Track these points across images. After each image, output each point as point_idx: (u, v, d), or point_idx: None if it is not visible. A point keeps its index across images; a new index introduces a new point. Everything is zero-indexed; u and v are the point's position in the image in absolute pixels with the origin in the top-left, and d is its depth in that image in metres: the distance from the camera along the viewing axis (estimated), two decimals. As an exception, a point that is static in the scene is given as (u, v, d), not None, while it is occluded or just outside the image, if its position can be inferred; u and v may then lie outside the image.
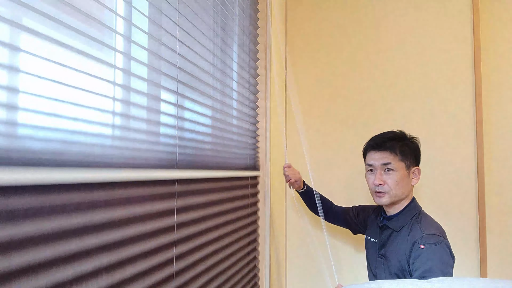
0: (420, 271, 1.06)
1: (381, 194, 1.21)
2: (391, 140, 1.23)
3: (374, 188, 1.23)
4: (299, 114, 2.01)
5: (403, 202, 1.23)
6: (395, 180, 1.19)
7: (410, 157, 1.22)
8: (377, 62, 1.89)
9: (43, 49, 0.55)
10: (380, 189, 1.21)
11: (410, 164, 1.22)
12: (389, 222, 1.23)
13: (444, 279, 0.94)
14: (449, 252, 1.09)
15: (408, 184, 1.22)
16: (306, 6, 2.04)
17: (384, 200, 1.21)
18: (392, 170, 1.20)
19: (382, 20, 1.90)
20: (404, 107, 1.84)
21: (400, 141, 1.23)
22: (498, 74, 1.73)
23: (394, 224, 1.22)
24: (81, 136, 0.62)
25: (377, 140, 1.25)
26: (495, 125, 1.72)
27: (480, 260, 1.69)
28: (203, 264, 1.01)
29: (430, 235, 1.12)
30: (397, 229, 1.19)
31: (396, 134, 1.26)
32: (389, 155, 1.20)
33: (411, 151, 1.23)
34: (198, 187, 1.00)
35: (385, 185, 1.20)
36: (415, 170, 1.24)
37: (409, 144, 1.24)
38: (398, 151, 1.20)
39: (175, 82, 0.92)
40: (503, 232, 1.69)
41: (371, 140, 1.28)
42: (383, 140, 1.24)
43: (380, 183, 1.20)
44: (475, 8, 1.74)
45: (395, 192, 1.19)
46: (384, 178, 1.20)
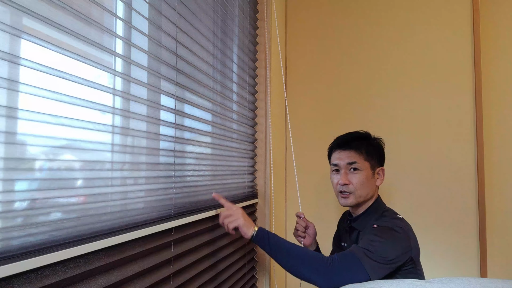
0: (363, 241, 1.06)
1: (346, 195, 1.19)
2: (356, 140, 1.22)
3: (339, 188, 1.21)
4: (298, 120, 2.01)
5: (368, 202, 1.21)
6: (361, 180, 1.18)
7: (375, 157, 1.21)
8: (377, 62, 1.89)
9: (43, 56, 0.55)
10: (345, 189, 1.19)
11: (375, 164, 1.21)
12: (355, 223, 1.22)
13: (443, 279, 0.94)
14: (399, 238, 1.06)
15: (373, 185, 1.21)
16: (306, 6, 2.04)
17: (349, 201, 1.20)
18: (358, 169, 1.18)
19: (382, 20, 1.90)
20: (404, 107, 1.84)
21: (365, 140, 1.22)
22: (498, 74, 1.73)
23: (359, 224, 1.21)
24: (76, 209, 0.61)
25: (343, 139, 1.24)
26: (495, 125, 1.72)
27: (480, 260, 1.69)
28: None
29: (388, 223, 1.11)
30: (362, 229, 1.18)
31: (361, 134, 1.25)
32: (354, 154, 1.19)
33: (376, 151, 1.22)
34: (194, 229, 0.99)
35: (350, 185, 1.18)
36: (380, 170, 1.23)
37: (374, 144, 1.23)
38: (364, 151, 1.20)
39: (173, 99, 0.92)
40: (503, 232, 1.69)
41: (336, 140, 1.27)
42: (348, 139, 1.23)
43: (345, 183, 1.18)
44: (475, 8, 1.74)
45: (360, 192, 1.18)
46: (349, 177, 1.19)
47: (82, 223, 0.62)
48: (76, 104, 0.62)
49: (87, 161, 0.64)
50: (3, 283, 0.47)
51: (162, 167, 0.87)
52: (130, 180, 0.75)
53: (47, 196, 0.56)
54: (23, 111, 0.52)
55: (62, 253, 0.55)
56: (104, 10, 0.69)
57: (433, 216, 1.77)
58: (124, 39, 0.77)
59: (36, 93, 0.54)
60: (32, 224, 0.53)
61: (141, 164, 0.79)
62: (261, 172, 1.59)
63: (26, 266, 0.49)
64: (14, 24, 0.52)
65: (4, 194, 0.49)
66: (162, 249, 0.85)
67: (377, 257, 1.00)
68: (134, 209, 0.76)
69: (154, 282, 0.78)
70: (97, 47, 0.67)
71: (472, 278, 0.90)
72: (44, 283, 0.53)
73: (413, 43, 1.84)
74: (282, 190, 1.95)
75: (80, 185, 0.62)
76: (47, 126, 0.56)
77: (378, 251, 1.01)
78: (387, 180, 1.82)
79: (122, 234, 0.69)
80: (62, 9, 0.59)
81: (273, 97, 1.73)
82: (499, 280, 0.90)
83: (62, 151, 0.59)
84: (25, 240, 0.52)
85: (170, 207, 0.90)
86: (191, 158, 1.02)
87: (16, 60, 0.51)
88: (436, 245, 1.75)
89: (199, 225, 1.03)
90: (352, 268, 0.98)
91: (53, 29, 0.58)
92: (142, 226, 0.77)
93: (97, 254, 0.64)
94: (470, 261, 1.71)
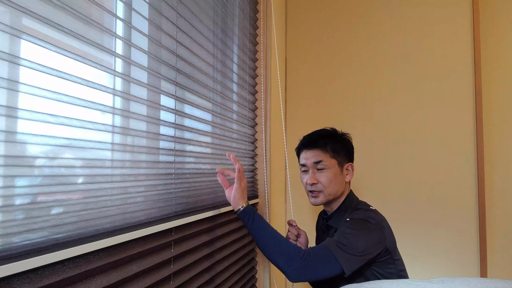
0: (336, 234, 1.07)
1: (315, 194, 1.20)
2: (321, 138, 1.22)
3: (308, 188, 1.22)
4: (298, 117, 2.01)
5: (339, 199, 1.22)
6: (328, 178, 1.18)
7: (342, 153, 1.21)
8: (377, 62, 1.89)
9: (43, 57, 0.55)
10: (314, 188, 1.20)
11: (343, 160, 1.21)
12: (330, 221, 1.23)
13: (443, 279, 0.94)
14: (372, 229, 1.06)
15: (342, 181, 1.21)
16: (306, 6, 2.04)
17: (320, 200, 1.20)
18: (325, 168, 1.19)
19: (382, 21, 1.90)
20: (404, 107, 1.84)
21: (331, 138, 1.22)
22: (498, 74, 1.73)
23: (334, 222, 1.21)
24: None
25: (308, 139, 1.24)
26: (495, 125, 1.72)
27: (480, 260, 1.69)
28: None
29: (360, 215, 1.11)
30: (338, 227, 1.18)
31: (327, 131, 1.25)
32: (320, 153, 1.19)
33: (343, 147, 1.22)
34: (194, 229, 1.00)
35: (318, 184, 1.19)
36: (348, 166, 1.23)
37: (340, 140, 1.23)
38: (329, 148, 1.20)
39: (173, 99, 0.92)
40: (503, 232, 1.68)
41: (302, 139, 1.27)
42: (313, 139, 1.23)
43: (313, 182, 1.19)
44: (475, 8, 1.74)
45: (329, 190, 1.18)
46: (317, 176, 1.19)
47: (82, 219, 0.62)
48: (76, 104, 0.62)
49: (87, 159, 0.64)
50: (2, 283, 0.47)
51: (162, 165, 0.87)
52: (130, 178, 0.76)
53: (48, 195, 0.56)
54: (24, 111, 0.53)
55: (62, 253, 0.55)
56: (104, 10, 0.69)
57: (433, 216, 1.77)
58: (124, 39, 0.77)
59: (37, 93, 0.54)
60: (32, 223, 0.53)
61: (141, 162, 0.79)
62: (261, 172, 1.59)
63: (25, 266, 0.49)
64: (14, 24, 0.52)
65: (5, 192, 0.49)
66: (162, 249, 0.85)
67: (350, 249, 1.01)
68: (134, 203, 0.76)
69: (154, 282, 0.78)
70: (97, 47, 0.67)
71: (472, 278, 0.90)
72: (43, 283, 0.53)
73: (413, 43, 1.84)
74: (282, 190, 1.95)
75: (80, 183, 0.62)
76: (47, 126, 0.56)
77: (351, 243, 1.02)
78: (387, 180, 1.82)
79: (122, 234, 0.70)
80: (62, 9, 0.59)
81: (273, 97, 1.73)
82: (499, 280, 0.90)
83: (62, 150, 0.59)
84: (25, 237, 0.52)
85: (171, 204, 0.90)
86: (191, 157, 1.02)
87: (16, 60, 0.51)
88: (436, 245, 1.75)
89: (199, 225, 1.03)
90: (325, 262, 0.99)
91: (53, 29, 0.58)
92: (142, 225, 0.78)
93: (97, 254, 0.64)
94: (470, 261, 1.71)
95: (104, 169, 0.68)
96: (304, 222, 1.95)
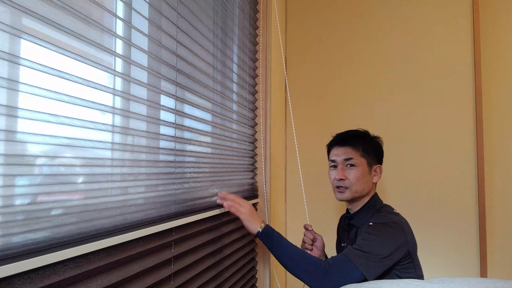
0: (358, 241, 1.08)
1: (342, 189, 1.23)
2: (354, 137, 1.26)
3: (335, 184, 1.25)
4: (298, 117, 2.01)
5: (364, 198, 1.24)
6: (356, 176, 1.21)
7: (372, 154, 1.25)
8: (377, 62, 1.89)
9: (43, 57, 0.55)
10: (341, 184, 1.22)
11: (372, 161, 1.25)
12: (353, 220, 1.25)
13: (443, 279, 0.94)
14: (396, 234, 1.08)
15: (369, 181, 1.24)
16: (306, 6, 2.04)
17: (345, 196, 1.23)
18: (354, 165, 1.22)
19: (382, 21, 1.90)
20: (404, 107, 1.84)
21: (363, 138, 1.26)
22: (498, 74, 1.73)
23: (356, 221, 1.23)
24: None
25: (341, 136, 1.28)
26: (495, 125, 1.72)
27: (480, 260, 1.69)
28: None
29: (384, 219, 1.13)
30: (360, 226, 1.20)
31: (360, 132, 1.29)
32: (351, 151, 1.23)
33: (373, 149, 1.26)
34: (194, 229, 0.99)
35: (346, 180, 1.22)
36: (377, 168, 1.26)
37: (371, 142, 1.27)
38: (361, 147, 1.23)
39: (173, 99, 0.92)
40: (503, 232, 1.69)
41: (335, 136, 1.31)
42: (346, 137, 1.27)
43: (341, 178, 1.22)
44: (475, 8, 1.74)
45: (356, 187, 1.21)
46: (345, 173, 1.22)
47: (83, 219, 0.62)
48: (77, 104, 0.62)
49: (87, 158, 0.64)
50: (4, 282, 0.47)
51: (162, 164, 0.87)
52: (130, 177, 0.76)
53: (48, 194, 0.56)
54: (24, 110, 0.52)
55: (62, 253, 0.55)
56: (104, 10, 0.69)
57: (433, 216, 1.77)
58: (124, 39, 0.77)
59: (37, 93, 0.54)
60: (33, 223, 0.53)
61: (141, 161, 0.79)
62: (261, 172, 1.59)
63: (27, 266, 0.49)
64: (14, 24, 0.52)
65: (5, 192, 0.49)
66: (162, 249, 0.85)
67: (372, 255, 1.02)
68: (135, 203, 0.76)
69: (155, 282, 0.78)
70: (97, 47, 0.67)
71: (472, 278, 0.90)
72: (44, 283, 0.53)
73: (413, 43, 1.84)
74: (282, 190, 1.95)
75: (81, 183, 0.62)
76: (47, 125, 0.56)
77: (373, 250, 1.03)
78: (387, 180, 1.82)
79: (122, 233, 0.69)
80: (62, 9, 0.59)
81: (273, 97, 1.73)
82: (499, 280, 0.90)
83: (62, 149, 0.59)
84: (26, 237, 0.52)
85: (171, 204, 0.90)
86: (192, 157, 1.02)
87: (16, 60, 0.51)
88: (436, 245, 1.75)
89: (200, 225, 1.03)
90: (345, 271, 1.01)
91: (53, 29, 0.58)
92: (142, 225, 0.77)
93: (97, 254, 0.64)
94: (470, 261, 1.71)
95: (104, 168, 0.68)
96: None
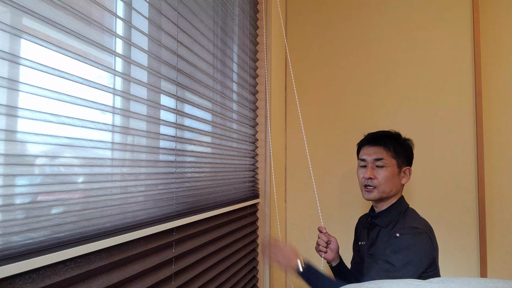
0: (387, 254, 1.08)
1: (370, 189, 1.22)
2: (385, 137, 1.25)
3: (364, 182, 1.24)
4: (299, 116, 2.01)
5: (391, 199, 1.24)
6: (385, 176, 1.20)
7: (403, 156, 1.24)
8: (377, 62, 1.89)
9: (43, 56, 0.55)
10: (369, 183, 1.22)
11: (402, 163, 1.24)
12: (377, 219, 1.24)
13: (443, 279, 0.94)
14: (424, 243, 1.08)
15: (398, 182, 1.23)
16: (306, 6, 2.04)
17: (373, 195, 1.22)
18: (384, 166, 1.21)
19: (382, 21, 1.90)
20: (404, 107, 1.84)
21: (394, 139, 1.25)
22: (498, 74, 1.73)
23: (381, 221, 1.23)
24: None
25: (373, 136, 1.28)
26: (495, 125, 1.72)
27: (480, 260, 1.69)
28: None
29: (411, 227, 1.12)
30: (384, 225, 1.20)
31: (392, 133, 1.29)
32: (382, 151, 1.22)
33: (404, 150, 1.25)
34: (195, 229, 1.00)
35: (375, 180, 1.21)
36: (406, 169, 1.26)
37: (402, 143, 1.26)
38: (392, 148, 1.23)
39: (174, 99, 0.92)
40: (503, 232, 1.68)
41: (366, 135, 1.31)
42: (378, 136, 1.26)
43: (370, 177, 1.21)
44: (475, 8, 1.74)
45: (383, 188, 1.20)
46: (375, 172, 1.22)
47: (83, 218, 0.62)
48: (77, 104, 0.62)
49: (88, 158, 0.64)
50: (5, 282, 0.47)
51: (163, 164, 0.87)
52: (131, 177, 0.76)
53: (48, 194, 0.56)
54: (24, 110, 0.52)
55: (63, 253, 0.55)
56: (104, 9, 0.69)
57: (433, 216, 1.77)
58: (124, 39, 0.76)
59: (37, 93, 0.54)
60: (34, 222, 0.53)
61: (142, 161, 0.79)
62: (262, 172, 1.59)
63: (27, 266, 0.49)
64: (14, 24, 0.52)
65: (5, 191, 0.49)
66: (163, 249, 0.85)
67: (402, 270, 1.02)
68: (135, 203, 0.76)
69: (156, 282, 0.78)
70: (97, 47, 0.67)
71: (472, 278, 0.90)
72: (45, 283, 0.53)
73: (413, 42, 1.84)
74: (282, 190, 1.95)
75: (81, 182, 0.62)
76: (48, 125, 0.56)
77: (405, 266, 1.03)
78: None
79: (123, 234, 0.69)
80: (62, 9, 0.59)
81: (274, 97, 1.73)
82: (499, 280, 0.90)
83: (63, 149, 0.59)
84: (26, 237, 0.52)
85: (172, 204, 0.90)
86: (192, 157, 1.02)
87: (16, 59, 0.51)
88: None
89: (200, 225, 1.03)
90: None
91: (53, 29, 0.58)
92: (143, 225, 0.77)
93: (98, 254, 0.64)
94: (470, 261, 1.71)
95: (105, 168, 0.68)
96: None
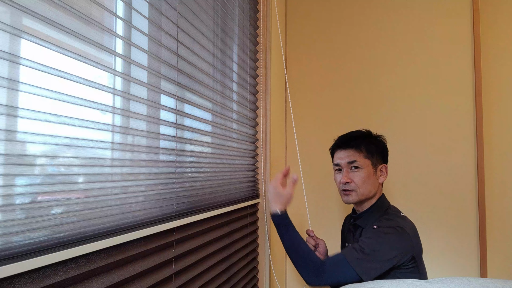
0: (361, 239, 1.08)
1: (348, 192, 1.21)
2: (356, 139, 1.23)
3: (341, 187, 1.23)
4: (299, 118, 2.01)
5: (371, 200, 1.23)
6: (362, 178, 1.20)
7: (376, 154, 1.23)
8: (377, 62, 1.89)
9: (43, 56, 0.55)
10: (347, 187, 1.21)
11: (377, 161, 1.23)
12: (359, 221, 1.24)
13: (443, 279, 0.94)
14: (399, 237, 1.06)
15: (375, 182, 1.22)
16: (306, 6, 2.04)
17: (352, 198, 1.21)
18: (358, 168, 1.20)
19: (382, 21, 1.90)
20: (404, 107, 1.84)
21: (365, 139, 1.24)
22: (498, 75, 1.73)
23: (362, 222, 1.22)
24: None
25: (343, 139, 1.26)
26: (495, 125, 1.72)
27: (480, 260, 1.69)
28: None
29: (389, 222, 1.12)
30: (365, 226, 1.19)
31: (362, 132, 1.27)
32: (354, 153, 1.21)
33: (377, 149, 1.24)
34: (195, 229, 1.00)
35: (351, 183, 1.20)
36: (382, 167, 1.24)
37: (374, 142, 1.25)
38: (364, 149, 1.21)
39: (174, 99, 0.92)
40: (503, 232, 1.68)
41: (337, 140, 1.29)
42: (348, 139, 1.25)
43: (347, 181, 1.20)
44: (475, 8, 1.74)
45: (362, 190, 1.20)
46: (350, 176, 1.21)
47: (83, 218, 0.62)
48: (77, 104, 0.62)
49: (88, 158, 0.64)
50: (5, 282, 0.47)
51: (163, 164, 0.87)
52: (131, 176, 0.76)
53: (48, 194, 0.56)
54: (24, 110, 0.52)
55: (63, 253, 0.55)
56: (104, 9, 0.69)
57: (433, 216, 1.77)
58: (125, 38, 0.76)
59: (37, 93, 0.54)
60: (34, 222, 0.53)
61: (142, 161, 0.79)
62: (262, 172, 1.59)
63: (27, 266, 0.49)
64: (14, 24, 0.52)
65: (5, 191, 0.49)
66: (163, 249, 0.85)
67: (371, 257, 1.02)
68: (135, 203, 0.76)
69: (156, 282, 0.78)
70: (97, 46, 0.67)
71: (472, 278, 0.90)
72: (45, 283, 0.53)
73: (413, 43, 1.84)
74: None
75: (81, 182, 0.62)
76: (48, 125, 0.56)
77: (374, 252, 1.03)
78: (387, 180, 1.82)
79: (123, 234, 0.69)
80: (62, 9, 0.59)
81: (273, 97, 1.73)
82: (499, 280, 0.90)
83: (63, 149, 0.59)
84: (26, 237, 0.52)
85: (172, 204, 0.90)
86: (192, 157, 1.02)
87: (16, 59, 0.51)
88: (436, 245, 1.75)
89: (201, 225, 1.03)
90: (340, 271, 1.02)
91: (53, 29, 0.58)
92: (143, 225, 0.77)
93: (98, 254, 0.64)
94: (470, 261, 1.71)
95: (105, 168, 0.68)
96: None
